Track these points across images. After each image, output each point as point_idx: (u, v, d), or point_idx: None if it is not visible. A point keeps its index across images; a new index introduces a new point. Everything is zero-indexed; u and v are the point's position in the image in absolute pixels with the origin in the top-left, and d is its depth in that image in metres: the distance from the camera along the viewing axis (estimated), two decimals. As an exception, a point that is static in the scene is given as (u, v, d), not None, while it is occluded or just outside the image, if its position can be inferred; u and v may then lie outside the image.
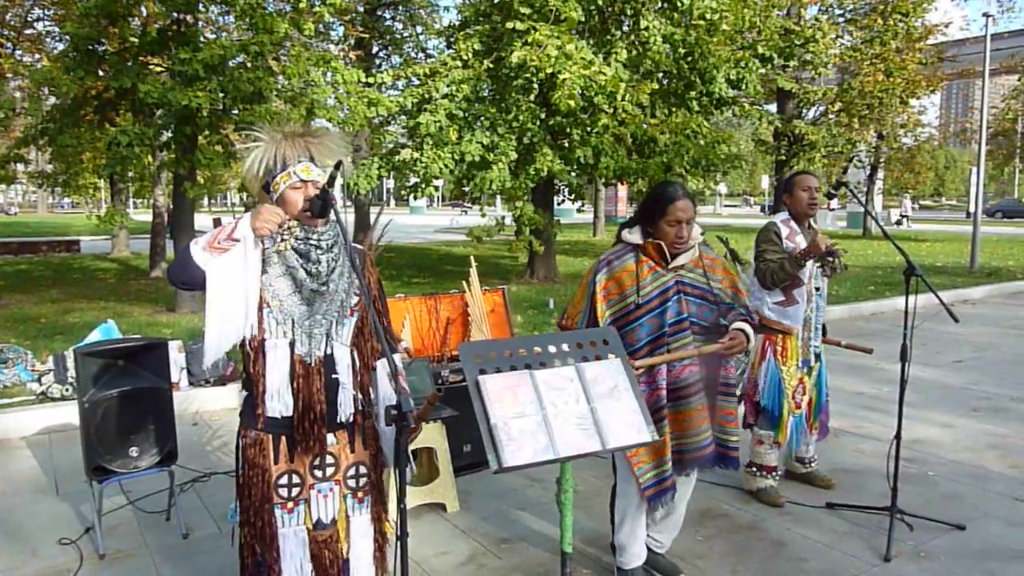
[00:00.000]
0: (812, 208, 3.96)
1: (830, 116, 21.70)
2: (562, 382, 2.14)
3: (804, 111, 21.81)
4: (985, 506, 4.02)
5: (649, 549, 3.28)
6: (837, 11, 20.85)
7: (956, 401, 6.05)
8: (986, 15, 15.66)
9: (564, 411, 2.08)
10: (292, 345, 2.18)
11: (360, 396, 2.29)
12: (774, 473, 4.12)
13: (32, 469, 4.69)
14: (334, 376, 2.22)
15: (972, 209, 17.80)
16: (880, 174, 27.73)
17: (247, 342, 2.18)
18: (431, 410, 2.09)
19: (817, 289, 3.99)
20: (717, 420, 3.08)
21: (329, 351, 2.22)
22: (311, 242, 2.20)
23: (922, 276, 3.57)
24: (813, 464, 4.34)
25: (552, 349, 2.21)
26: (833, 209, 34.04)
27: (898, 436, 3.69)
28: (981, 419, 5.59)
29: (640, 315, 2.94)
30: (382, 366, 2.33)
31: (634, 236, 3.04)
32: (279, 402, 2.17)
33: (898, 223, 35.05)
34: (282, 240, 2.18)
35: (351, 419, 2.26)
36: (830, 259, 3.94)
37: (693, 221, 2.98)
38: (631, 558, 3.17)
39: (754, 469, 4.14)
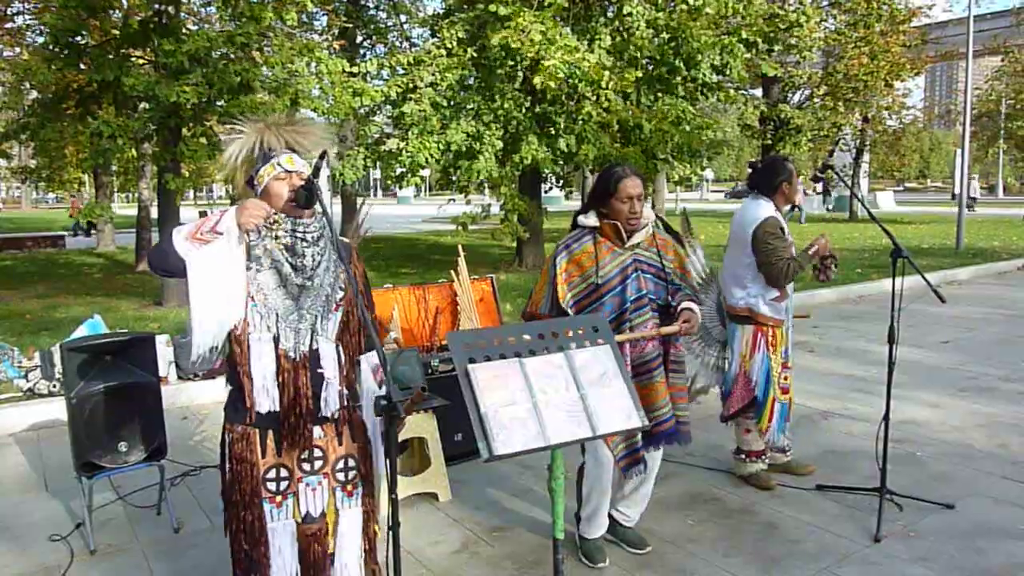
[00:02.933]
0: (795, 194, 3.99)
1: (815, 100, 21.75)
2: (552, 369, 2.13)
3: (789, 95, 21.86)
4: (973, 484, 4.06)
5: (619, 523, 3.47)
6: (821, -6, 20.85)
7: (943, 381, 6.10)
8: (969, -4, 15.69)
9: (554, 398, 2.07)
10: (276, 340, 2.16)
11: (345, 391, 2.27)
12: (763, 457, 4.14)
13: (21, 466, 4.66)
14: (319, 371, 2.20)
15: (957, 191, 17.90)
16: (866, 157, 27.83)
17: (232, 336, 2.16)
18: (414, 407, 2.08)
19: None
20: (674, 398, 3.26)
21: (315, 346, 2.20)
22: (296, 235, 2.18)
23: (909, 258, 3.58)
24: (789, 452, 4.30)
25: (541, 337, 2.21)
26: (819, 193, 34.06)
27: (886, 417, 3.72)
28: (968, 399, 5.64)
29: (602, 294, 3.09)
30: (366, 360, 2.32)
31: (590, 219, 3.18)
32: (266, 397, 2.16)
33: (968, 207, 33.55)
34: (274, 238, 2.16)
35: (337, 414, 2.25)
36: (830, 262, 3.92)
37: (643, 198, 3.14)
38: (594, 528, 3.35)
39: (743, 456, 4.15)
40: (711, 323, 4.04)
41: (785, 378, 4.01)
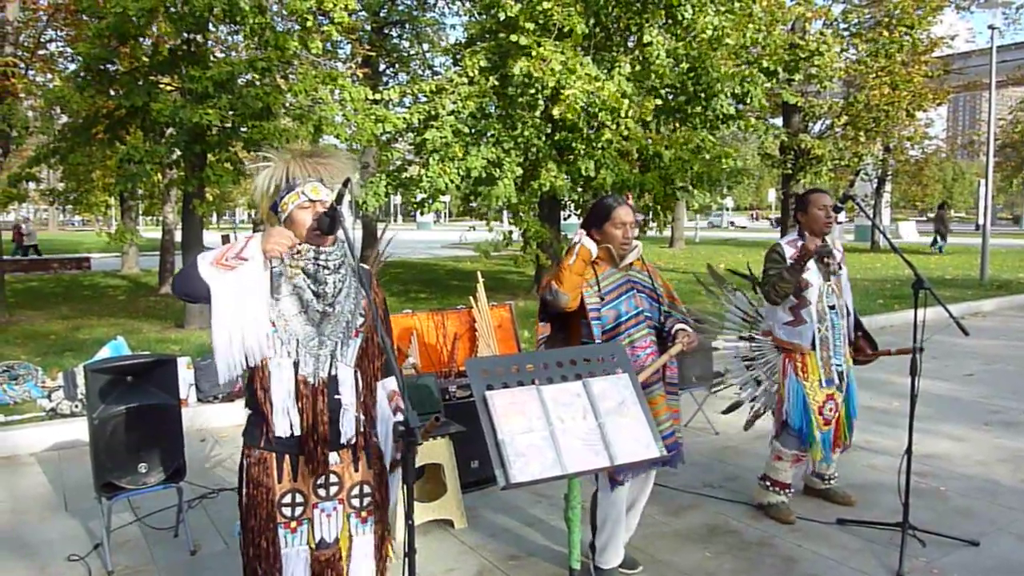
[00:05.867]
0: (828, 227, 3.94)
1: (836, 129, 21.67)
2: (569, 397, 2.14)
3: (810, 125, 21.79)
4: (998, 521, 3.98)
5: None
6: (842, 25, 20.85)
7: (967, 415, 6.01)
8: (992, 27, 15.66)
9: (571, 427, 2.07)
10: (296, 365, 2.18)
11: (363, 417, 2.28)
12: (787, 490, 4.08)
13: (41, 485, 4.70)
14: (337, 397, 2.21)
15: (981, 221, 17.73)
16: (887, 187, 27.67)
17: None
18: (429, 434, 2.08)
19: (832, 307, 3.97)
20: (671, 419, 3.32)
21: (333, 372, 2.21)
22: (319, 262, 2.20)
23: (931, 289, 3.56)
24: (833, 481, 4.31)
25: (559, 364, 2.21)
26: (841, 223, 33.84)
27: (909, 451, 3.66)
28: (992, 433, 5.55)
29: (599, 306, 3.20)
30: (382, 386, 2.33)
31: None
32: (285, 422, 2.17)
33: None
34: (294, 264, 2.18)
35: (353, 440, 2.26)
36: (824, 257, 3.97)
37: (636, 225, 3.30)
38: (610, 558, 3.34)
39: (768, 483, 4.11)
40: (770, 352, 4.14)
41: (831, 409, 3.99)
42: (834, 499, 4.24)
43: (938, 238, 25.95)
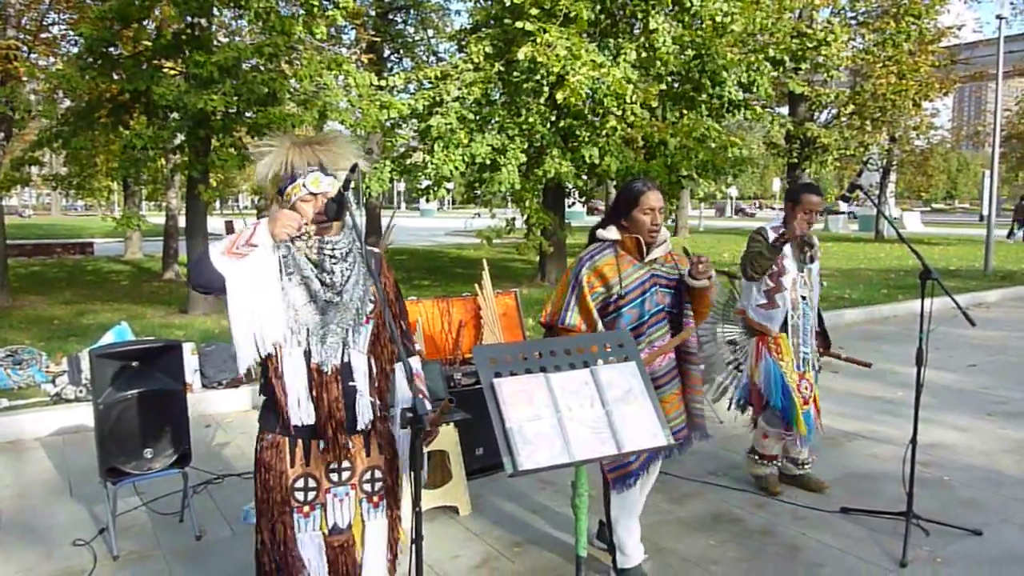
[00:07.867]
0: (809, 227, 3.96)
1: (842, 119, 21.59)
2: (577, 385, 2.13)
3: (816, 114, 21.71)
4: (1002, 511, 3.98)
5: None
6: (849, 14, 20.74)
7: (971, 405, 6.00)
8: (999, 17, 15.54)
9: (579, 414, 2.07)
10: (308, 354, 2.18)
11: (377, 402, 2.28)
12: (775, 461, 4.22)
13: (46, 470, 4.71)
14: (351, 384, 2.21)
15: (985, 212, 17.65)
16: (892, 177, 27.58)
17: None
18: (443, 418, 2.08)
19: (804, 297, 4.03)
20: (689, 390, 3.24)
21: (346, 359, 2.21)
22: (325, 251, 2.20)
23: (938, 280, 3.55)
24: (807, 467, 4.33)
25: (567, 352, 2.21)
26: (842, 213, 33.60)
27: (914, 440, 3.66)
28: (996, 423, 5.54)
29: (621, 305, 3.10)
30: (400, 370, 2.32)
31: (610, 233, 3.20)
32: (302, 410, 2.17)
33: None
34: (301, 250, 2.18)
35: (368, 425, 2.26)
36: (806, 247, 4.00)
37: (663, 211, 3.18)
38: (631, 555, 3.26)
39: (756, 456, 4.24)
40: (745, 335, 4.18)
41: (806, 388, 4.03)
42: (808, 486, 4.27)
43: (1015, 227, 27.28)
